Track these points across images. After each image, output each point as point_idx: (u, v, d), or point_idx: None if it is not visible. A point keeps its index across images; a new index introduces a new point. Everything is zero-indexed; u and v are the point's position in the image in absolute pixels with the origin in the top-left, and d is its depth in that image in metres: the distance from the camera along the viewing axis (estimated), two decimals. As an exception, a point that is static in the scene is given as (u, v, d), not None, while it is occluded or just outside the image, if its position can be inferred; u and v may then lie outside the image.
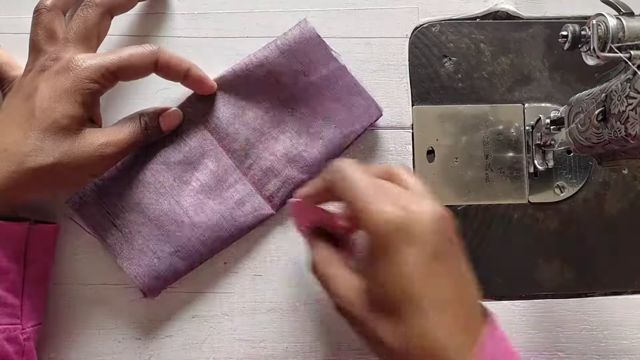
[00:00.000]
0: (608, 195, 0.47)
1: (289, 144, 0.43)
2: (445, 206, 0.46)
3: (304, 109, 0.44)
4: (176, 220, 0.41)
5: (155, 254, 0.41)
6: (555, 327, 0.46)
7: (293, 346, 0.44)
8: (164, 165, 0.42)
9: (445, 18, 0.48)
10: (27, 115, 0.36)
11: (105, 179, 0.42)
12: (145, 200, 0.41)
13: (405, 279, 0.30)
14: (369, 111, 0.44)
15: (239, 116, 0.43)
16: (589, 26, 0.35)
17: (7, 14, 0.45)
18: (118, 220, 0.41)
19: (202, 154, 0.43)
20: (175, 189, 0.42)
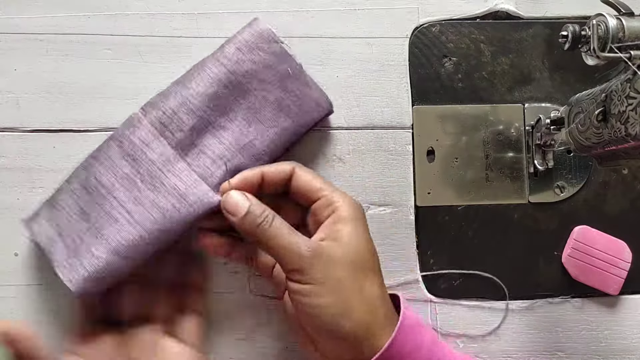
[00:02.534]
0: (608, 195, 0.47)
1: (237, 133, 0.41)
2: (446, 206, 0.46)
3: (252, 98, 0.42)
4: (115, 217, 0.39)
5: (94, 255, 0.39)
6: (555, 327, 0.46)
7: (293, 346, 0.44)
8: (107, 164, 0.40)
9: (445, 18, 0.48)
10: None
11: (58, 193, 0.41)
12: (89, 205, 0.40)
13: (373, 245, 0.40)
14: (321, 104, 0.43)
15: (184, 105, 0.41)
16: (589, 26, 0.35)
17: (7, 14, 0.45)
18: (65, 233, 0.40)
19: (143, 146, 0.40)
20: (115, 186, 0.40)
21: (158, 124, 0.41)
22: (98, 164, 0.40)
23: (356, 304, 0.36)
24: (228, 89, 0.42)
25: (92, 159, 0.41)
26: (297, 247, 0.36)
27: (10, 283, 0.43)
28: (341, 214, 0.38)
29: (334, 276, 0.36)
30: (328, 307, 0.36)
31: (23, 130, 0.45)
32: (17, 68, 0.45)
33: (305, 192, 0.40)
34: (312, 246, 0.36)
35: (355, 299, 0.36)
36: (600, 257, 0.46)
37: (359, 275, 0.37)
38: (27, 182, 0.44)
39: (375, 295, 0.38)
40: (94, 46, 0.45)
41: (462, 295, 0.46)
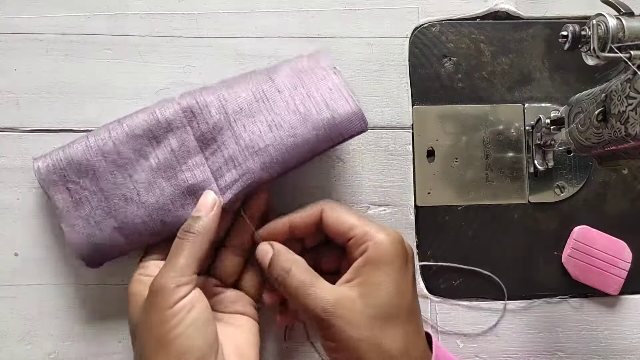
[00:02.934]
0: (608, 195, 0.47)
1: (256, 135, 0.40)
2: (446, 206, 0.46)
3: (283, 105, 0.40)
4: (125, 195, 0.40)
5: (98, 226, 0.40)
6: (555, 327, 0.46)
7: (293, 346, 0.44)
8: (127, 135, 0.40)
9: (445, 18, 0.48)
10: None
11: (72, 143, 0.40)
12: (101, 170, 0.40)
13: (409, 287, 0.37)
14: (353, 122, 0.40)
15: (218, 100, 0.40)
16: (589, 26, 0.35)
17: (7, 14, 0.45)
18: (71, 184, 0.40)
19: (167, 130, 0.40)
20: (132, 162, 0.40)
21: (189, 111, 0.40)
22: (120, 129, 0.40)
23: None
24: (265, 96, 0.41)
25: (117, 123, 0.41)
26: (315, 306, 0.36)
27: (10, 283, 0.43)
28: (372, 254, 0.37)
29: (351, 337, 0.35)
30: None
31: (23, 130, 0.45)
32: (17, 68, 0.45)
33: (336, 232, 0.39)
34: (331, 302, 0.36)
35: (373, 356, 0.35)
36: (600, 257, 0.46)
37: (379, 329, 0.36)
38: (27, 182, 0.44)
39: (397, 349, 0.36)
40: (94, 46, 0.45)
41: (462, 295, 0.46)
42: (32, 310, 0.43)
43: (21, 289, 0.43)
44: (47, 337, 0.43)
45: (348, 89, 0.41)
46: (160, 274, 0.36)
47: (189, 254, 0.37)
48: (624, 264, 0.46)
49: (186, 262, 0.36)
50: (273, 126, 0.40)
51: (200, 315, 0.35)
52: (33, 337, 0.43)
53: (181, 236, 0.38)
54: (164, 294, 0.35)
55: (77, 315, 0.43)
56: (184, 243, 0.37)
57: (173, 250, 0.37)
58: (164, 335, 0.34)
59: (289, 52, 0.46)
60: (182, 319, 0.35)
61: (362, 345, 0.35)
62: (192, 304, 0.35)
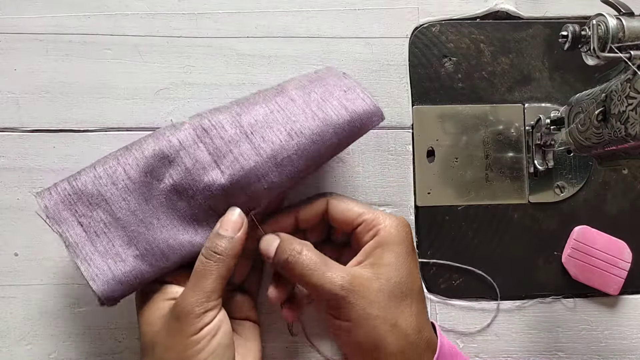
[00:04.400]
0: (608, 195, 0.47)
1: (278, 146, 0.38)
2: (446, 206, 0.46)
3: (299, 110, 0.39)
4: (143, 221, 0.37)
5: (119, 257, 0.37)
6: (555, 327, 0.46)
7: (293, 346, 0.44)
8: (137, 159, 0.38)
9: (445, 18, 0.48)
10: None
11: (78, 174, 0.38)
12: (114, 198, 0.37)
13: (417, 269, 0.39)
14: (372, 118, 0.39)
15: (231, 117, 0.39)
16: (589, 26, 0.35)
17: (7, 14, 0.45)
18: (84, 218, 0.37)
19: (179, 149, 0.38)
20: (145, 186, 0.38)
21: (200, 129, 0.38)
22: (129, 154, 0.38)
23: (390, 340, 0.36)
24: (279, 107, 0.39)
25: (125, 149, 0.39)
26: (331, 283, 0.36)
27: (10, 283, 0.43)
28: (382, 237, 0.38)
29: (369, 314, 0.36)
30: (362, 343, 0.36)
31: (23, 130, 0.45)
32: (17, 68, 0.45)
33: (344, 220, 0.39)
34: (347, 280, 0.36)
35: (390, 334, 0.36)
36: (600, 257, 0.46)
37: (394, 307, 0.37)
38: (27, 182, 0.44)
39: (411, 328, 0.37)
40: (94, 46, 0.45)
41: (462, 295, 0.46)
42: (32, 310, 0.43)
43: (21, 289, 0.43)
44: (47, 337, 0.43)
45: (361, 87, 0.40)
46: (186, 298, 0.35)
47: (216, 277, 0.35)
48: (624, 264, 0.46)
49: (213, 286, 0.35)
50: (294, 134, 0.38)
51: (222, 341, 0.35)
52: (33, 337, 0.43)
53: (207, 257, 0.36)
54: (189, 320, 0.34)
55: (77, 315, 0.43)
56: (211, 265, 0.36)
57: (199, 272, 0.36)
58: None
59: (289, 52, 0.46)
60: (205, 346, 0.34)
61: (379, 323, 0.36)
62: (217, 329, 0.35)
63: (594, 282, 0.46)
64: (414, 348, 0.37)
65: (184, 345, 0.34)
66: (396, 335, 0.36)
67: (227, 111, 0.39)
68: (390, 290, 0.37)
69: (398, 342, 0.36)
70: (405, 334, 0.36)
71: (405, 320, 0.37)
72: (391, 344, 0.36)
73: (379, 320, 0.36)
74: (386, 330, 0.36)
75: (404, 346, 0.36)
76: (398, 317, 0.36)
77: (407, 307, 0.37)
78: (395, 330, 0.36)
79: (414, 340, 0.37)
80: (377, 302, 0.36)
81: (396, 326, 0.36)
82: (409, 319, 0.37)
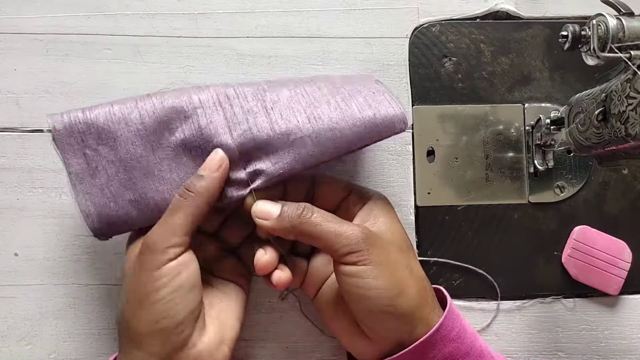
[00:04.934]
0: (608, 195, 0.47)
1: (293, 124, 0.38)
2: (446, 206, 0.46)
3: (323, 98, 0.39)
4: (146, 168, 0.38)
5: (114, 198, 0.37)
6: (555, 327, 0.46)
7: (293, 346, 0.44)
8: (155, 107, 0.38)
9: (445, 18, 0.48)
10: None
11: (94, 107, 0.38)
12: (122, 138, 0.38)
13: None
14: (395, 123, 0.39)
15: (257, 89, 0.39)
16: (589, 26, 0.35)
17: (7, 14, 0.45)
18: (89, 150, 0.38)
19: (197, 107, 0.38)
20: (156, 135, 0.38)
21: (223, 95, 0.39)
22: (149, 101, 0.38)
23: (410, 284, 0.37)
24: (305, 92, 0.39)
25: (146, 96, 0.39)
26: (350, 229, 0.36)
27: (10, 283, 0.43)
28: (374, 204, 0.39)
29: (390, 257, 0.37)
30: (386, 287, 0.36)
31: (23, 130, 0.45)
32: (17, 68, 0.45)
33: (334, 190, 0.40)
34: (363, 228, 0.37)
35: (409, 279, 0.37)
36: (600, 257, 0.46)
37: (406, 256, 0.38)
38: (27, 182, 0.44)
39: (423, 276, 0.39)
40: (94, 46, 0.45)
41: (462, 295, 0.46)
42: (32, 310, 0.43)
43: (21, 289, 0.43)
44: (47, 337, 0.43)
45: (391, 93, 0.40)
46: (153, 231, 0.35)
47: (185, 214, 0.35)
48: (624, 264, 0.46)
49: (181, 222, 0.35)
50: (312, 118, 0.38)
51: (186, 281, 0.35)
52: (33, 337, 0.43)
53: (181, 194, 0.36)
54: (153, 254, 0.34)
55: (77, 315, 0.43)
56: (182, 202, 0.36)
57: (170, 208, 0.36)
58: (147, 296, 0.34)
59: (289, 52, 0.46)
60: (166, 283, 0.34)
61: (401, 267, 0.37)
62: (180, 268, 0.35)
63: (594, 282, 0.46)
64: (428, 292, 0.38)
65: (146, 280, 0.34)
66: (413, 278, 0.37)
67: (254, 86, 0.40)
68: (397, 244, 0.38)
69: (416, 284, 0.37)
70: (420, 278, 0.38)
71: (416, 267, 0.39)
72: (411, 287, 0.37)
73: (400, 264, 0.37)
74: (407, 273, 0.37)
75: (420, 289, 0.37)
76: (411, 264, 0.38)
77: (413, 258, 0.39)
78: (413, 274, 0.38)
79: (427, 285, 0.39)
80: (392, 250, 0.37)
81: (412, 271, 0.38)
82: (419, 267, 0.39)
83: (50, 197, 0.44)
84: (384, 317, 0.36)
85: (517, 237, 0.47)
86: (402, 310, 0.36)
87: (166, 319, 0.34)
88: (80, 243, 0.44)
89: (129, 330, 0.35)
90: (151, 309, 0.34)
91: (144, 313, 0.34)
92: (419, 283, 0.38)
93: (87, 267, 0.44)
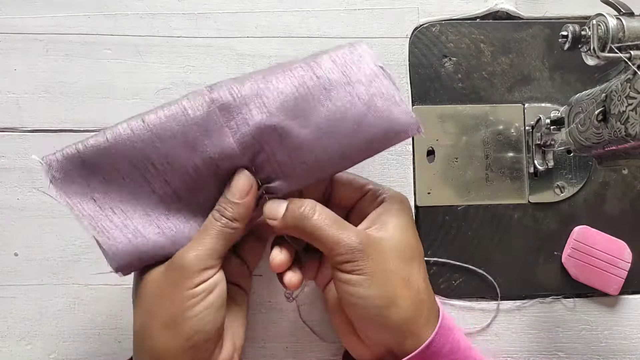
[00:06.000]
0: (608, 195, 0.47)
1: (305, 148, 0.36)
2: (446, 206, 0.46)
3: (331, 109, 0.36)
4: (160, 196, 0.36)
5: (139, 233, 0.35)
6: (555, 327, 0.46)
7: (293, 346, 0.44)
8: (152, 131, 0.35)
9: (445, 18, 0.48)
10: None
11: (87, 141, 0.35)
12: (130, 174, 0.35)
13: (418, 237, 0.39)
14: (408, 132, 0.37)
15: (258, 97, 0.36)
16: (589, 26, 0.35)
17: (7, 14, 0.45)
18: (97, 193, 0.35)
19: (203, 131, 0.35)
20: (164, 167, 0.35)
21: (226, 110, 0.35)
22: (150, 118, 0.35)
23: (403, 297, 0.36)
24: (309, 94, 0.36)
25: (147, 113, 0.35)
26: (347, 237, 0.36)
27: (10, 283, 0.43)
28: (388, 205, 0.39)
29: (383, 268, 0.36)
30: (375, 298, 0.36)
31: (23, 130, 0.45)
32: (17, 68, 0.45)
33: (351, 189, 0.40)
34: (362, 236, 0.36)
35: (402, 291, 0.36)
36: (600, 257, 0.46)
37: (405, 266, 0.37)
38: (27, 182, 0.44)
39: (421, 288, 0.38)
40: (94, 46, 0.45)
41: (462, 295, 0.46)
42: (32, 310, 0.43)
43: (21, 289, 0.43)
44: (47, 337, 0.43)
45: (399, 93, 0.37)
46: (188, 251, 0.35)
47: (220, 237, 0.35)
48: (624, 264, 0.46)
49: (217, 245, 0.35)
50: (323, 135, 0.36)
51: (217, 299, 0.35)
52: (33, 337, 0.43)
53: (216, 218, 0.36)
54: (187, 274, 0.34)
55: (77, 315, 0.43)
56: (217, 226, 0.35)
57: (205, 230, 0.36)
58: (179, 314, 0.34)
59: (289, 52, 0.46)
60: (198, 302, 0.34)
61: (394, 277, 0.36)
62: (213, 287, 0.35)
63: (594, 282, 0.46)
64: (425, 305, 0.37)
65: (178, 298, 0.34)
66: (409, 290, 0.37)
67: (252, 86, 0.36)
68: (401, 251, 0.37)
69: (411, 297, 0.37)
70: (418, 290, 0.37)
71: (416, 278, 0.37)
72: (405, 299, 0.36)
73: (394, 274, 0.36)
74: (400, 284, 0.36)
75: (416, 302, 0.37)
76: (410, 274, 0.37)
77: (417, 268, 0.38)
78: (409, 285, 0.37)
79: (425, 298, 0.38)
80: (391, 259, 0.37)
81: (409, 282, 0.37)
82: (420, 278, 0.38)
83: (50, 197, 0.44)
84: (374, 326, 0.36)
85: (517, 237, 0.47)
86: (392, 322, 0.36)
87: (197, 335, 0.34)
88: (80, 243, 0.44)
89: (154, 350, 0.35)
90: (183, 326, 0.34)
91: (175, 331, 0.34)
92: (415, 295, 0.37)
93: (87, 267, 0.44)
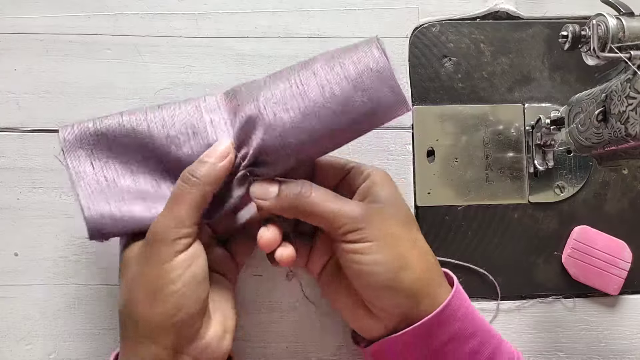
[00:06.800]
0: (608, 195, 0.47)
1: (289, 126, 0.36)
2: (446, 206, 0.46)
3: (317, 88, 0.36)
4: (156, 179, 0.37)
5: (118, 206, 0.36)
6: (555, 327, 0.46)
7: (293, 346, 0.44)
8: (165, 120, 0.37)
9: (445, 18, 0.48)
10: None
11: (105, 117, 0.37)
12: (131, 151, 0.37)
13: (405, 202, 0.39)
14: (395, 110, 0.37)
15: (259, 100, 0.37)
16: (589, 26, 0.35)
17: (7, 14, 0.45)
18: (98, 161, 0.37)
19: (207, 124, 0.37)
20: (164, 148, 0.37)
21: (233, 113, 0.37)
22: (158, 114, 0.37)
23: (414, 258, 0.36)
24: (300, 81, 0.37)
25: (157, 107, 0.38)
26: (349, 207, 0.36)
27: (10, 283, 0.43)
28: (375, 178, 0.38)
29: (390, 232, 0.36)
30: (387, 262, 0.35)
31: (23, 130, 0.45)
32: (17, 68, 0.45)
33: (333, 170, 0.40)
34: (362, 206, 0.36)
35: (412, 253, 0.36)
36: (600, 257, 0.46)
37: (409, 230, 0.37)
38: (27, 182, 0.44)
39: (427, 250, 0.38)
40: (94, 46, 0.45)
41: (462, 295, 0.46)
42: (32, 310, 0.43)
43: (21, 289, 0.43)
44: (47, 337, 0.43)
45: (391, 70, 0.36)
46: (159, 223, 0.34)
47: (190, 203, 0.34)
48: (624, 264, 0.46)
49: (188, 212, 0.34)
50: (307, 117, 0.36)
51: (198, 273, 0.34)
52: (33, 337, 0.43)
53: (184, 180, 0.35)
54: (163, 245, 0.33)
55: (77, 315, 0.43)
56: (186, 190, 0.34)
57: (174, 196, 0.35)
58: (161, 289, 0.33)
59: (289, 52, 0.46)
60: (180, 276, 0.33)
61: (402, 240, 0.36)
62: (192, 259, 0.34)
63: (594, 282, 0.46)
64: (434, 266, 0.38)
65: (158, 272, 0.33)
66: (418, 252, 0.37)
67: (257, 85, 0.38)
68: (401, 218, 0.37)
69: (421, 258, 0.37)
70: (426, 253, 0.37)
71: (421, 240, 0.38)
72: (415, 260, 0.36)
73: (401, 237, 0.36)
74: (409, 246, 0.36)
75: (426, 265, 0.37)
76: (416, 238, 0.37)
77: (417, 232, 0.38)
78: (417, 248, 0.37)
79: (431, 259, 0.38)
80: (394, 224, 0.37)
81: (417, 245, 0.37)
82: (423, 241, 0.38)
83: (50, 197, 0.44)
84: (387, 292, 0.36)
85: (517, 237, 0.47)
86: (405, 285, 0.36)
87: (181, 311, 0.34)
88: (80, 243, 0.44)
89: (138, 326, 0.34)
90: (166, 302, 0.33)
91: (158, 307, 0.33)
92: (423, 256, 0.37)
93: (87, 267, 0.44)
